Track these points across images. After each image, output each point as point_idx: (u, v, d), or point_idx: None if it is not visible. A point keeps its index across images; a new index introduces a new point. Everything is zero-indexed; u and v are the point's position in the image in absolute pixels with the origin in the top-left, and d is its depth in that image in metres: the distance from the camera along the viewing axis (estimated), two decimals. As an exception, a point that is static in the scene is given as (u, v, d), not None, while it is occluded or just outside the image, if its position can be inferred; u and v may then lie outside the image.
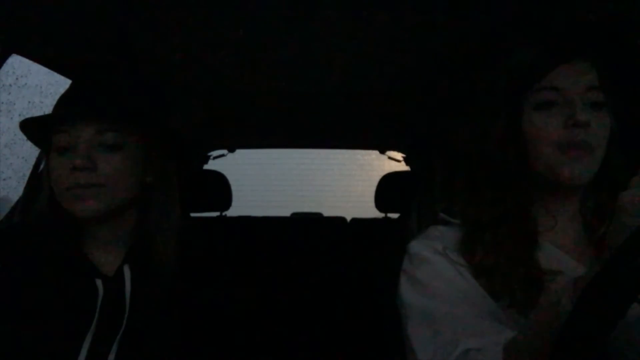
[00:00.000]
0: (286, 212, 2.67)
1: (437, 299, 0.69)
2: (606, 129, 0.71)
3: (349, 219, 2.29)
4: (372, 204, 2.24)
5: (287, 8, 0.99)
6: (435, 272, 0.72)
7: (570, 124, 0.68)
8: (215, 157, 2.45)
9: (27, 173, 1.44)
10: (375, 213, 2.26)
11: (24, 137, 0.86)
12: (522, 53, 0.75)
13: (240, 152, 2.53)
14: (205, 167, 2.46)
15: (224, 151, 2.45)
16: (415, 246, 0.76)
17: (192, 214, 2.09)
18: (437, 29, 1.08)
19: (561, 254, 0.71)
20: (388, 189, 2.20)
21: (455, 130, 1.55)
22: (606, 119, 0.71)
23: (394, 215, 2.25)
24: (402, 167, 2.45)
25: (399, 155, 2.44)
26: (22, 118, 0.82)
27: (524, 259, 0.69)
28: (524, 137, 0.72)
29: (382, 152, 2.51)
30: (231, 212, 2.23)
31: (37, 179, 1.35)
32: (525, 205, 0.73)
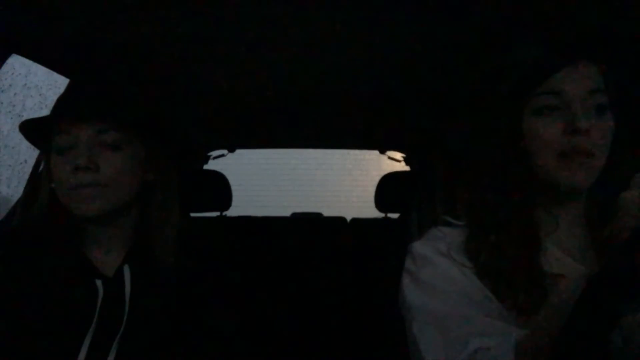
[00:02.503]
0: (286, 212, 2.67)
1: (442, 299, 0.68)
2: (609, 133, 0.70)
3: (349, 219, 2.29)
4: (372, 203, 2.24)
5: (287, 8, 0.99)
6: (439, 273, 0.71)
7: (570, 131, 0.67)
8: (215, 157, 2.45)
9: (28, 173, 1.44)
10: (375, 213, 2.26)
11: (23, 138, 0.86)
12: (523, 56, 0.74)
13: (240, 152, 2.53)
14: (205, 167, 2.46)
15: (224, 151, 2.45)
16: (418, 247, 0.76)
17: (192, 214, 2.08)
18: (438, 29, 1.07)
19: (564, 257, 0.71)
20: (388, 189, 2.20)
21: (454, 130, 1.55)
22: (610, 122, 0.70)
23: (394, 215, 2.25)
24: (402, 167, 2.45)
25: (399, 155, 2.44)
26: (22, 118, 0.82)
27: (526, 262, 0.69)
28: (524, 142, 0.71)
29: (382, 152, 2.51)
30: (231, 212, 2.23)
31: (37, 180, 1.35)
32: (527, 209, 0.73)
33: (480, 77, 0.83)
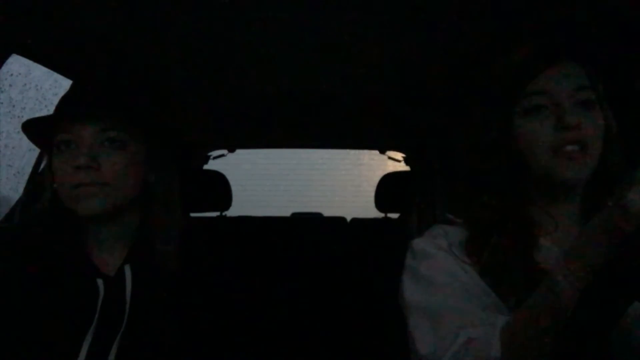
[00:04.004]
0: (286, 212, 2.67)
1: (439, 293, 0.69)
2: (599, 128, 0.71)
3: (349, 219, 2.29)
4: (372, 203, 2.24)
5: (287, 8, 0.99)
6: (439, 267, 0.72)
7: (560, 127, 0.69)
8: (215, 157, 2.45)
9: (28, 173, 1.44)
10: (375, 213, 2.26)
11: (23, 137, 0.86)
12: (509, 58, 0.76)
13: (240, 152, 2.53)
14: (205, 167, 2.46)
15: (224, 151, 2.45)
16: (419, 242, 0.77)
17: (192, 214, 2.09)
18: (437, 30, 1.08)
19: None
20: (388, 189, 2.20)
21: (454, 130, 1.55)
22: (598, 117, 0.71)
23: (394, 215, 2.25)
24: (402, 167, 2.45)
25: (399, 155, 2.44)
26: (22, 119, 0.82)
27: (526, 261, 0.69)
28: (517, 142, 0.73)
29: (382, 152, 2.51)
30: (231, 212, 2.23)
31: (37, 179, 1.35)
32: (524, 208, 0.74)
33: (472, 80, 0.84)
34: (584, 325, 0.44)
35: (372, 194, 2.23)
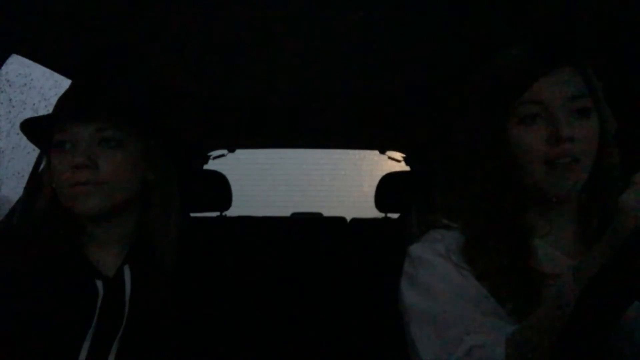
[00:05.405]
0: (286, 212, 2.67)
1: (439, 300, 0.69)
2: (594, 135, 0.70)
3: (349, 219, 2.29)
4: (372, 203, 2.24)
5: (287, 9, 0.99)
6: (437, 274, 0.72)
7: (554, 140, 0.68)
8: (215, 157, 2.45)
9: (27, 173, 1.44)
10: (375, 213, 2.26)
11: (23, 137, 0.86)
12: (503, 66, 0.74)
13: (240, 152, 2.53)
14: (205, 167, 2.46)
15: (224, 151, 2.45)
16: (417, 249, 0.76)
17: (192, 214, 2.08)
18: (436, 30, 1.08)
19: (561, 256, 0.72)
20: (388, 189, 2.20)
21: (454, 131, 1.55)
22: (593, 125, 0.70)
23: (394, 215, 2.25)
24: (403, 167, 2.45)
25: (399, 155, 2.44)
26: (22, 118, 0.82)
27: (522, 265, 0.69)
28: (511, 152, 0.72)
29: (382, 152, 2.51)
30: (231, 212, 2.23)
31: (37, 179, 1.35)
32: (520, 214, 0.73)
33: (466, 86, 0.83)
34: (584, 325, 0.44)
35: (372, 194, 2.22)
